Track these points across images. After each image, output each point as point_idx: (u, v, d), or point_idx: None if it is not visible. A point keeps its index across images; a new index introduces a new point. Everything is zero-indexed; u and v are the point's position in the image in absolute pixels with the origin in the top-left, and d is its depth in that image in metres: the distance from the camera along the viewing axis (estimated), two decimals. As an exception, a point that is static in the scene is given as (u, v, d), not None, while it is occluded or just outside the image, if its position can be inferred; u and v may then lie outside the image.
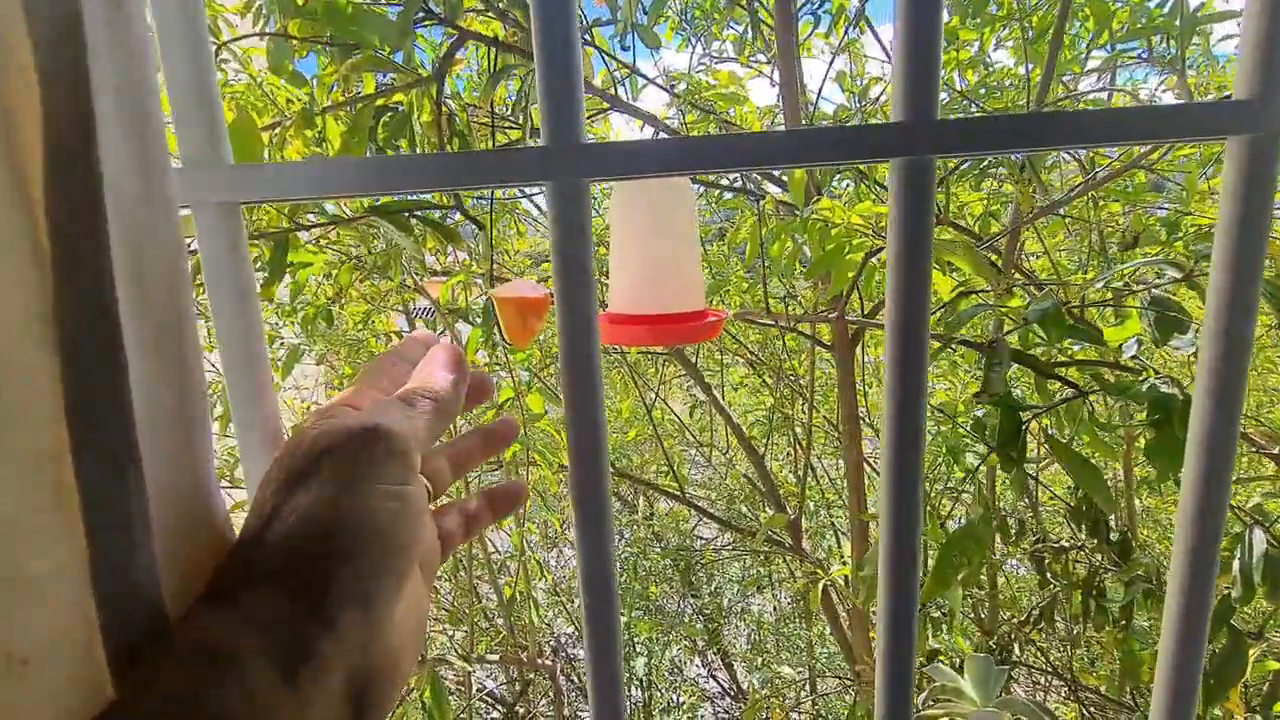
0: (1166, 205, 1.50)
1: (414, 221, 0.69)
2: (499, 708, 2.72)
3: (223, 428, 1.68)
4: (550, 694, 2.60)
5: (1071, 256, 2.06)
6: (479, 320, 1.15)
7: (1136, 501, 1.95)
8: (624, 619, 3.12)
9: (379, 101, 0.82)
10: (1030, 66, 1.46)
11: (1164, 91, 1.63)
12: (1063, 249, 2.11)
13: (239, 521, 0.24)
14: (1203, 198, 1.44)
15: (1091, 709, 1.71)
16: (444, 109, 0.78)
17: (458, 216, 0.99)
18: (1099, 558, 1.30)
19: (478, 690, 2.36)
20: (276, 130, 0.82)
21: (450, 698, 2.38)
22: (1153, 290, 0.65)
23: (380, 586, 0.22)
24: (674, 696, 3.21)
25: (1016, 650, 1.63)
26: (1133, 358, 0.74)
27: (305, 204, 0.76)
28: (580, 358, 0.31)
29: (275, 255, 0.69)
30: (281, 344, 1.62)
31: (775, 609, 3.48)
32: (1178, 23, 1.25)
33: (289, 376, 1.69)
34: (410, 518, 0.23)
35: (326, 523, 0.22)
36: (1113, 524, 1.19)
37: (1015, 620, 1.64)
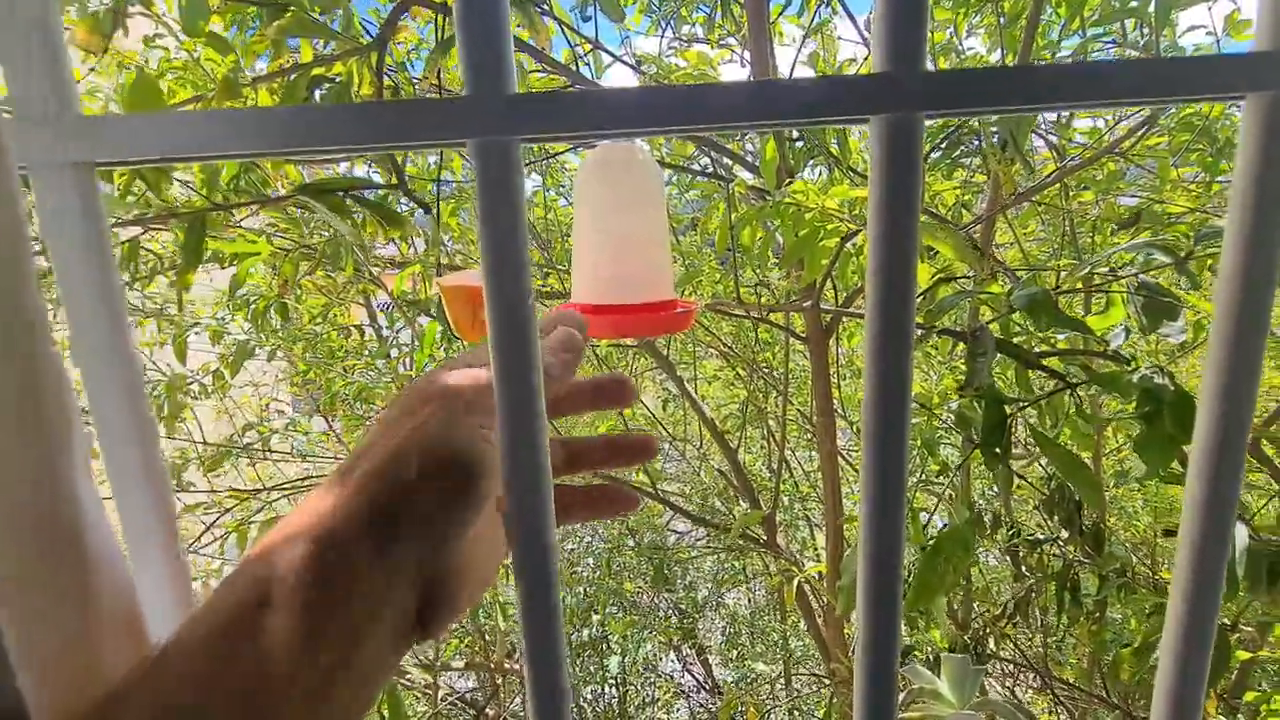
0: (1138, 194, 1.50)
1: (355, 204, 0.63)
2: (470, 710, 2.67)
3: (168, 428, 1.59)
4: (521, 695, 2.56)
5: (1043, 246, 2.07)
6: (437, 313, 1.09)
7: (1105, 492, 1.97)
8: (598, 617, 3.09)
9: (315, 71, 0.75)
10: (1003, 52, 1.44)
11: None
12: (1033, 239, 2.11)
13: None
14: (1174, 186, 1.44)
15: (1063, 698, 1.72)
16: (386, 80, 0.71)
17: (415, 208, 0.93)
18: (1072, 550, 1.29)
19: (445, 694, 2.31)
20: (199, 104, 0.75)
21: (420, 703, 2.32)
22: (1140, 275, 0.62)
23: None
24: (649, 692, 3.19)
25: (991, 644, 1.63)
26: (1114, 349, 0.71)
27: (230, 182, 0.70)
28: (512, 348, 0.26)
29: (190, 239, 0.62)
30: (226, 339, 1.53)
31: (750, 602, 3.48)
32: (1151, 8, 1.23)
33: (241, 373, 1.61)
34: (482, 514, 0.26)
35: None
36: (1084, 516, 1.18)
37: (989, 614, 1.64)
